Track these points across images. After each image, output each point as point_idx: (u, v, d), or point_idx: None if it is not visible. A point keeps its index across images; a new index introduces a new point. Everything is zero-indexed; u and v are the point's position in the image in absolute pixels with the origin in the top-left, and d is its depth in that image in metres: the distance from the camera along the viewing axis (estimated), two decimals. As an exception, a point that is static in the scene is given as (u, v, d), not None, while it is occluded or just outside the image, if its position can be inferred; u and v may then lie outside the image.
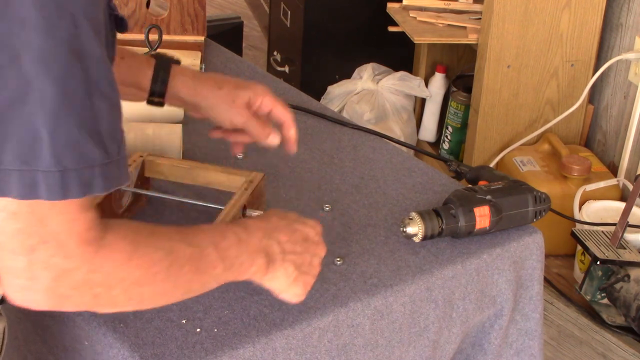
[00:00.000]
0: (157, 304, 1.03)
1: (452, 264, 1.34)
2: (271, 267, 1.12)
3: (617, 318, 2.20)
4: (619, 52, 2.65)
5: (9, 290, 0.93)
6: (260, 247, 1.11)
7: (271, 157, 1.58)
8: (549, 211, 1.55)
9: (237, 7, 4.31)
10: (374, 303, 1.26)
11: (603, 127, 2.75)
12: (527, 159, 2.65)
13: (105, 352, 1.16)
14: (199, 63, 1.81)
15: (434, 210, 1.36)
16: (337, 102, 3.11)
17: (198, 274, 1.03)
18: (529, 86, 2.70)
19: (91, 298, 0.95)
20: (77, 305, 0.96)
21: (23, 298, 0.94)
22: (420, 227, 1.33)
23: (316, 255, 1.19)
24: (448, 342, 1.37)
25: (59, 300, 0.94)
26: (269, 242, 1.12)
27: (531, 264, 1.43)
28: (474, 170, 1.54)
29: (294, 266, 1.15)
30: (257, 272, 1.11)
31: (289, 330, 1.19)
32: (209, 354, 1.13)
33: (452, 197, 1.38)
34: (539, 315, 1.46)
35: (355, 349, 1.25)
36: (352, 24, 3.22)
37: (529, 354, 1.46)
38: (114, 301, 0.97)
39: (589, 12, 2.63)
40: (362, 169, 1.56)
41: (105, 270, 0.93)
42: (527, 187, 1.43)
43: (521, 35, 2.62)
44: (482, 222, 1.36)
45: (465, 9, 2.88)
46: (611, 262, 2.16)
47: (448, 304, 1.34)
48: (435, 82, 3.12)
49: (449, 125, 3.02)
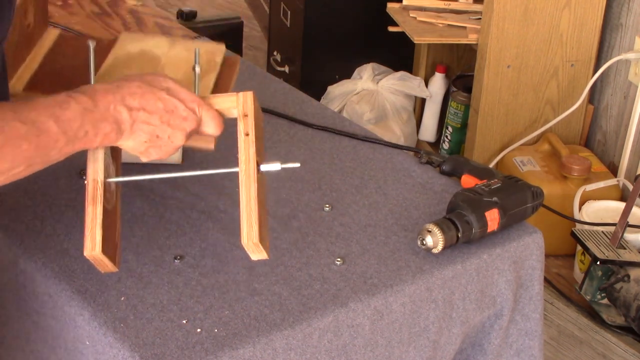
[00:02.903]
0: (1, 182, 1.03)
1: (452, 264, 1.34)
2: (119, 136, 1.09)
3: (617, 318, 2.20)
4: (619, 52, 2.65)
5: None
6: (107, 115, 1.07)
7: (271, 157, 1.58)
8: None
9: (237, 7, 4.31)
10: (374, 303, 1.26)
11: (603, 127, 2.75)
12: (527, 159, 2.65)
13: (106, 352, 1.16)
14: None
15: (448, 219, 1.35)
16: (337, 102, 3.11)
17: (39, 149, 1.02)
18: (529, 86, 2.69)
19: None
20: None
21: None
22: (441, 239, 1.33)
23: (179, 130, 1.12)
24: (448, 342, 1.37)
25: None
26: (118, 110, 1.08)
27: (531, 264, 1.43)
28: (449, 161, 1.53)
29: (147, 136, 1.11)
30: (104, 140, 1.08)
31: (289, 330, 1.19)
32: (209, 354, 1.13)
33: (460, 202, 1.37)
34: (539, 316, 1.46)
35: (355, 349, 1.25)
36: (352, 24, 3.22)
37: (529, 354, 1.46)
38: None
39: (589, 12, 2.63)
40: (362, 169, 1.56)
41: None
42: (524, 184, 1.44)
43: (521, 35, 2.62)
44: (492, 225, 1.37)
45: (465, 9, 2.88)
46: (611, 262, 2.16)
47: (448, 304, 1.34)
48: (435, 82, 3.12)
49: (449, 125, 3.02)
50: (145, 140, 1.11)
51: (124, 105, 1.08)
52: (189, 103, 1.13)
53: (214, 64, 1.36)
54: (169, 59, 1.35)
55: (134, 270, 1.27)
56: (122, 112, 1.08)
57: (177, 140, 1.13)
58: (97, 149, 1.14)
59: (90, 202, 1.13)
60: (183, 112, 1.12)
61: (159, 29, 2.05)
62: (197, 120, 1.14)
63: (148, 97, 1.10)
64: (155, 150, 1.13)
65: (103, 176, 1.14)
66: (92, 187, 1.14)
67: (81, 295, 1.22)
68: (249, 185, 1.14)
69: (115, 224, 1.19)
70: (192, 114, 1.13)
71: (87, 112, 1.05)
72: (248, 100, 1.18)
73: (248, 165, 1.15)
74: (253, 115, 1.17)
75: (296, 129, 1.67)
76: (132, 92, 1.09)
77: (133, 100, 1.09)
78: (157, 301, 1.22)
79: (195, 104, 1.14)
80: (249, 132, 1.16)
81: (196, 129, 1.14)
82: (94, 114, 1.06)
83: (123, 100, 1.08)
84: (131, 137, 1.10)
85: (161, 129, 1.11)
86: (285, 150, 1.60)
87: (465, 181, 1.49)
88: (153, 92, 1.11)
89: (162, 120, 1.11)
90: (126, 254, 1.29)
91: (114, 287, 1.24)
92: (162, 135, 1.11)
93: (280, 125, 1.67)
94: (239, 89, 1.37)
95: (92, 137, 1.06)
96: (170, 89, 1.12)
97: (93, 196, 1.13)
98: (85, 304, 1.20)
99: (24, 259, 1.29)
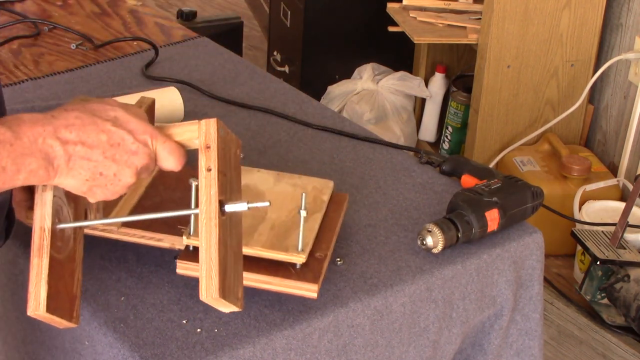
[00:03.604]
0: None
1: (452, 264, 1.34)
2: (52, 173, 0.96)
3: (617, 318, 2.20)
4: (619, 52, 2.65)
5: None
6: (33, 149, 0.94)
7: (271, 157, 1.58)
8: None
9: (237, 7, 4.31)
10: (374, 303, 1.26)
11: (603, 127, 2.75)
12: (527, 159, 2.65)
13: (106, 352, 1.16)
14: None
15: (448, 219, 1.35)
16: (337, 102, 3.11)
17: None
18: (529, 86, 2.69)
19: None
20: None
21: None
22: (441, 239, 1.33)
23: (127, 167, 0.99)
24: (448, 342, 1.37)
25: None
26: (48, 143, 0.94)
27: (531, 264, 1.43)
28: (449, 161, 1.54)
29: (89, 174, 0.97)
30: (31, 177, 0.95)
31: (289, 330, 1.19)
32: (209, 354, 1.13)
33: (460, 202, 1.37)
34: (539, 315, 1.46)
35: (355, 349, 1.25)
36: (352, 24, 3.22)
37: (529, 354, 1.46)
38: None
39: (589, 12, 2.63)
40: (362, 169, 1.56)
41: None
42: (524, 184, 1.44)
43: (521, 35, 2.62)
44: (492, 225, 1.37)
45: (465, 9, 2.88)
46: (611, 262, 2.16)
47: (448, 304, 1.34)
48: (435, 82, 3.12)
49: (449, 125, 3.02)
50: (86, 178, 0.97)
51: (56, 138, 0.95)
52: (140, 135, 0.99)
53: (321, 202, 1.32)
54: (274, 194, 1.30)
55: (134, 270, 1.27)
56: (54, 146, 0.95)
57: (125, 178, 0.99)
58: (46, 191, 1.02)
59: (36, 253, 1.00)
60: (132, 146, 0.98)
61: (159, 28, 2.05)
62: (150, 154, 1.00)
63: (88, 128, 0.97)
64: (100, 190, 0.99)
65: (51, 223, 1.02)
66: (38, 236, 1.01)
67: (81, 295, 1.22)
68: (209, 230, 1.00)
69: (73, 272, 1.07)
70: (144, 147, 0.99)
71: (5, 145, 0.92)
72: (211, 129, 1.03)
73: (209, 207, 1.00)
74: (216, 146, 1.03)
75: (296, 129, 1.67)
76: (68, 124, 0.96)
77: (69, 133, 0.95)
78: (157, 301, 1.22)
79: (148, 136, 1.00)
80: (211, 167, 1.02)
81: (149, 164, 1.00)
82: (15, 148, 0.93)
83: (55, 133, 0.95)
84: (69, 175, 0.97)
85: (104, 165, 0.97)
86: (285, 150, 1.61)
87: (465, 181, 1.49)
88: (95, 123, 0.97)
89: (105, 155, 0.97)
90: (126, 254, 1.29)
91: (113, 287, 1.24)
92: (106, 172, 0.98)
93: (280, 125, 1.67)
94: (238, 89, 1.36)
95: (13, 173, 0.93)
96: (117, 119, 0.99)
97: (39, 246, 1.01)
98: (84, 304, 1.20)
99: (24, 259, 1.29)
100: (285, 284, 1.19)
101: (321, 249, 1.25)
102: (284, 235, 1.23)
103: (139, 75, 1.82)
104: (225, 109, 1.71)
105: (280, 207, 1.28)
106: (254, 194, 1.31)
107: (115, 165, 0.98)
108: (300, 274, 1.20)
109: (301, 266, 1.21)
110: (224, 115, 1.68)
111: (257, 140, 1.63)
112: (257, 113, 1.72)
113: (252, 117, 1.70)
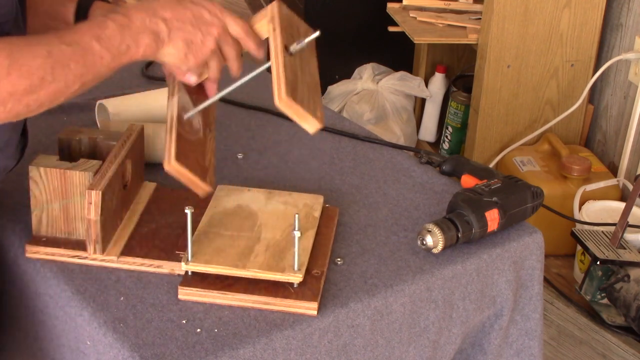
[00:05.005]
0: (58, 101, 1.13)
1: (452, 264, 1.34)
2: (160, 45, 1.19)
3: (617, 318, 2.20)
4: (619, 52, 2.65)
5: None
6: (144, 27, 1.18)
7: (271, 157, 1.58)
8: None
9: (237, 7, 4.31)
10: (374, 303, 1.26)
11: (603, 127, 2.75)
12: (527, 159, 2.65)
13: (106, 352, 1.16)
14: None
15: (448, 219, 1.35)
16: (337, 102, 3.11)
17: (87, 67, 1.13)
18: (529, 86, 2.69)
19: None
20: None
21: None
22: (440, 239, 1.33)
23: (209, 34, 1.22)
24: (448, 342, 1.37)
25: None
26: (153, 21, 1.18)
27: (531, 264, 1.43)
28: (449, 161, 1.54)
29: (183, 42, 1.21)
30: (147, 51, 1.18)
31: (289, 330, 1.19)
32: (209, 354, 1.13)
33: (460, 202, 1.37)
34: (539, 315, 1.46)
35: (355, 349, 1.25)
36: (352, 24, 3.22)
37: (529, 354, 1.46)
38: (15, 112, 1.09)
39: (589, 12, 2.63)
40: (362, 169, 1.56)
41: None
42: (524, 184, 1.44)
43: (521, 35, 2.62)
44: (492, 225, 1.37)
45: (465, 9, 2.88)
46: (611, 262, 2.16)
47: (448, 304, 1.34)
48: (435, 82, 3.12)
49: (449, 125, 3.02)
50: (182, 46, 1.20)
51: (158, 17, 1.19)
52: (212, 9, 1.23)
53: (313, 219, 1.35)
54: (266, 214, 1.35)
55: (134, 270, 1.27)
56: (158, 23, 1.18)
57: (209, 43, 1.22)
58: (174, 94, 1.27)
59: (169, 130, 1.24)
60: (209, 18, 1.22)
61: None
62: (222, 24, 1.23)
63: (177, 7, 1.21)
64: (192, 56, 1.22)
65: (177, 112, 1.26)
66: (170, 119, 1.26)
67: (81, 295, 1.22)
68: (276, 57, 1.26)
69: (204, 153, 1.28)
70: (217, 19, 1.23)
71: (125, 28, 1.16)
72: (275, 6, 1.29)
73: (275, 42, 1.27)
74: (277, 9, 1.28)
75: (296, 129, 1.66)
76: (162, 6, 1.20)
77: (165, 12, 1.19)
78: (157, 301, 1.22)
79: (217, 10, 1.24)
80: (276, 28, 1.27)
81: (223, 33, 1.23)
82: (131, 29, 1.16)
83: (156, 14, 1.19)
84: (171, 45, 1.20)
85: (194, 34, 1.21)
86: (285, 150, 1.60)
87: (465, 181, 1.49)
88: (180, 3, 1.21)
89: (193, 26, 1.21)
90: (126, 254, 1.29)
91: (113, 287, 1.24)
92: (195, 40, 1.21)
93: (280, 125, 1.67)
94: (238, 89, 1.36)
95: (135, 49, 1.17)
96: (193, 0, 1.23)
97: (170, 125, 1.24)
98: (84, 304, 1.20)
99: (23, 259, 1.29)
100: (285, 304, 1.21)
101: (317, 265, 1.28)
102: (280, 255, 1.26)
103: (139, 75, 1.82)
104: (225, 109, 1.71)
105: (274, 227, 1.32)
106: (247, 213, 1.35)
107: (200, 34, 1.21)
108: (299, 292, 1.23)
109: (299, 285, 1.23)
110: (224, 115, 1.68)
111: (257, 140, 1.63)
112: (257, 113, 1.72)
113: (252, 117, 1.70)
